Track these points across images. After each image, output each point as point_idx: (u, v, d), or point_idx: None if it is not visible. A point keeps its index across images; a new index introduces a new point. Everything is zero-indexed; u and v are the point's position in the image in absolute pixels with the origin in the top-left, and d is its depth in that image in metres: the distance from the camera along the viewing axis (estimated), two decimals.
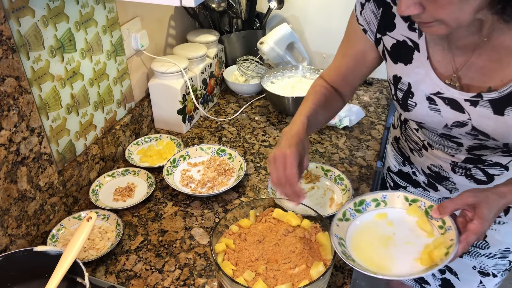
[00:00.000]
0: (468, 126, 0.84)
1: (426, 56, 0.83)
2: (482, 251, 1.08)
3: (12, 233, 0.93)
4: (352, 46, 0.96)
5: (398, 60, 0.88)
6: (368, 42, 0.92)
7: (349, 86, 1.03)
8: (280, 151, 0.83)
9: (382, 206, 0.89)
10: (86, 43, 1.09)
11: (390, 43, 0.88)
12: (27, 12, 0.90)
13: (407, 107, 0.90)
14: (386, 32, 0.87)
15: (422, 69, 0.84)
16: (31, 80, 0.94)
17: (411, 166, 1.12)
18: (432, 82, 0.84)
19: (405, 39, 0.85)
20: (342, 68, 0.99)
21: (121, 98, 1.28)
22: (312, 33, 1.73)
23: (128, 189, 1.16)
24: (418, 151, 1.06)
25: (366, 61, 0.96)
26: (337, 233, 0.84)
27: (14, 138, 0.89)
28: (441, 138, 0.93)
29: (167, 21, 1.49)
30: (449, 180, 1.02)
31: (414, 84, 0.86)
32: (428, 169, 1.05)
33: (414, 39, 0.84)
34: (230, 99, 1.59)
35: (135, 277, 0.94)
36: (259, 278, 0.83)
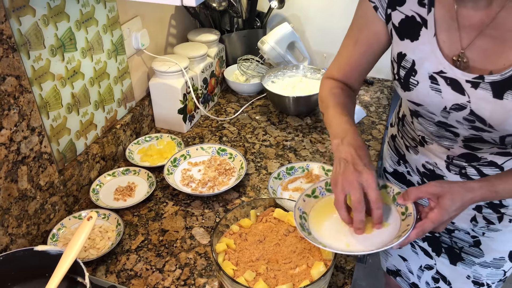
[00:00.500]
0: (466, 110, 0.83)
1: (433, 32, 0.82)
2: (477, 260, 1.06)
3: (12, 233, 0.93)
4: (364, 30, 0.93)
5: (404, 36, 0.86)
6: (379, 22, 0.90)
7: (360, 76, 1.00)
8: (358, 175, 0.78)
9: None
10: (87, 42, 1.09)
11: (399, 18, 0.86)
12: (28, 11, 0.90)
13: (408, 86, 0.88)
14: (396, 6, 0.86)
15: (427, 46, 0.83)
16: (31, 79, 0.94)
17: (405, 165, 1.11)
18: (436, 60, 0.83)
19: (413, 14, 0.84)
20: (354, 57, 0.96)
21: (121, 97, 1.27)
22: (313, 33, 1.72)
23: (129, 188, 1.16)
24: (413, 148, 1.05)
25: (379, 43, 0.93)
26: (301, 206, 0.87)
27: (14, 138, 0.89)
28: (438, 127, 0.92)
29: (168, 20, 1.49)
30: (443, 179, 1.00)
31: (419, 61, 0.85)
32: (423, 167, 1.04)
33: (422, 14, 0.83)
34: (231, 99, 1.59)
35: (135, 276, 0.94)
36: (259, 278, 0.83)
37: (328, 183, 0.89)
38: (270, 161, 1.27)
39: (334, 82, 0.99)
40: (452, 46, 0.82)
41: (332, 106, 0.93)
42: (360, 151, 0.82)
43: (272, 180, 1.15)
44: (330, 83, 0.99)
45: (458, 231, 1.04)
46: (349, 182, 0.79)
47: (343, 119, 0.89)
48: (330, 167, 1.19)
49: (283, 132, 1.40)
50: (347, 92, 0.98)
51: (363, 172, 0.78)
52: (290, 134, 1.39)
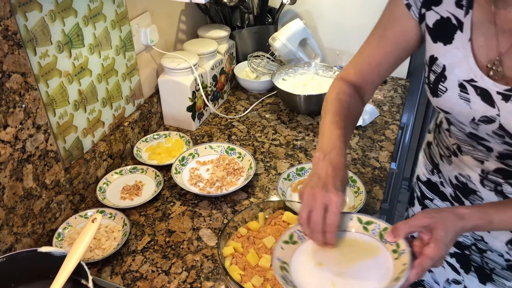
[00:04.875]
0: (495, 124, 0.77)
1: (468, 37, 0.76)
2: (508, 283, 0.98)
3: (17, 232, 0.92)
4: (392, 27, 0.87)
5: (437, 38, 0.81)
6: (411, 20, 0.83)
7: (378, 79, 0.93)
8: (325, 194, 0.72)
9: None
10: (95, 38, 1.07)
11: (434, 19, 0.80)
12: (34, 7, 0.88)
13: (436, 92, 0.83)
14: (431, 6, 0.79)
15: (461, 51, 0.78)
16: (38, 76, 0.92)
17: (439, 175, 1.03)
18: (468, 67, 0.77)
19: (449, 15, 0.78)
20: (376, 55, 0.89)
21: (130, 94, 1.25)
22: (326, 29, 1.69)
23: (136, 187, 1.14)
24: (447, 158, 0.98)
25: (406, 43, 0.86)
26: (280, 256, 0.75)
27: (20, 136, 0.88)
28: (470, 138, 0.86)
29: (178, 16, 1.46)
30: (477, 194, 0.93)
31: (449, 66, 0.79)
32: (456, 179, 0.97)
33: (459, 17, 0.77)
34: (241, 96, 1.56)
35: (141, 278, 0.92)
36: (267, 284, 0.81)
37: None
38: (279, 161, 1.24)
39: (345, 85, 0.92)
40: (488, 52, 0.76)
41: (331, 114, 0.87)
42: (337, 171, 0.76)
43: (282, 181, 1.12)
44: (340, 86, 0.92)
45: (491, 252, 0.96)
46: (314, 200, 0.73)
47: (335, 133, 0.82)
48: None
49: (294, 131, 1.37)
50: (355, 101, 0.91)
51: (330, 193, 0.72)
52: (301, 133, 1.36)
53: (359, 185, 1.10)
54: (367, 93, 0.94)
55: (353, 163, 1.23)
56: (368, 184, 1.16)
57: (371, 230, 0.78)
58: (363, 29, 1.61)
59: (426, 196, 1.09)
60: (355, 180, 1.12)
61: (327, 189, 0.73)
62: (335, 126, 0.84)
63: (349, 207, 1.07)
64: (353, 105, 0.90)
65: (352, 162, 1.23)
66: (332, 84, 0.96)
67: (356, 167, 1.21)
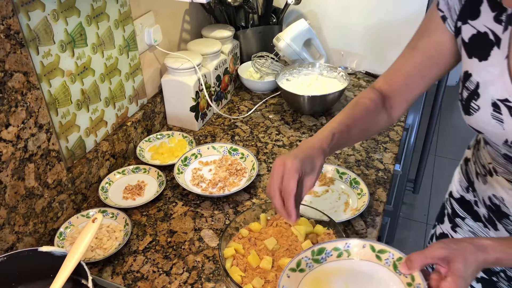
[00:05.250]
0: None
1: (505, 54, 0.72)
2: None
3: (19, 231, 0.92)
4: (426, 36, 0.83)
5: (472, 54, 0.76)
6: (445, 33, 0.80)
7: (408, 92, 0.89)
8: (281, 160, 0.76)
9: (344, 256, 0.75)
10: (98, 37, 1.07)
11: (470, 33, 0.76)
12: (37, 6, 0.88)
13: (468, 110, 0.78)
14: (467, 19, 0.75)
15: (496, 69, 0.73)
16: (40, 75, 0.92)
17: (474, 194, 0.98)
18: (503, 86, 0.73)
19: (487, 30, 0.73)
20: (407, 66, 0.87)
21: (133, 94, 1.25)
22: (331, 30, 1.68)
23: (138, 187, 1.14)
24: (483, 177, 0.92)
25: (439, 57, 0.82)
26: (286, 285, 0.71)
27: (21, 135, 0.88)
28: (505, 160, 0.81)
29: (182, 16, 1.46)
30: (509, 218, 0.88)
31: (483, 84, 0.75)
32: (489, 200, 0.91)
33: (497, 32, 0.72)
34: (244, 96, 1.56)
35: (142, 279, 0.92)
36: (268, 286, 0.80)
37: (315, 252, 0.75)
38: None
39: (370, 91, 0.90)
40: None
41: (340, 112, 0.87)
42: (303, 147, 0.79)
43: None
44: (366, 91, 0.91)
45: None
46: (274, 172, 0.76)
47: (329, 125, 0.83)
48: (344, 170, 1.15)
49: (297, 132, 1.36)
50: (375, 106, 0.88)
51: (286, 161, 0.75)
52: (304, 134, 1.35)
53: (362, 187, 1.09)
54: (396, 105, 0.91)
55: (356, 165, 1.22)
56: (372, 186, 1.15)
57: (384, 259, 0.73)
58: (368, 30, 1.61)
59: (457, 214, 1.04)
60: (358, 181, 1.11)
61: (286, 155, 0.76)
62: (334, 120, 0.85)
63: (352, 209, 1.06)
64: (370, 109, 0.88)
65: (356, 163, 1.22)
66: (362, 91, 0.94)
67: (359, 169, 1.20)
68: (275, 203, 0.77)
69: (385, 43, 1.61)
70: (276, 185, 0.76)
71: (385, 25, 1.57)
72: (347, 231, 1.02)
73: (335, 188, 1.13)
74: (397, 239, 2.26)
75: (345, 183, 1.13)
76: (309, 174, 0.78)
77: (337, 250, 0.75)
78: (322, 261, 0.75)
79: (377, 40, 1.61)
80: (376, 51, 1.64)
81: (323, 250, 0.75)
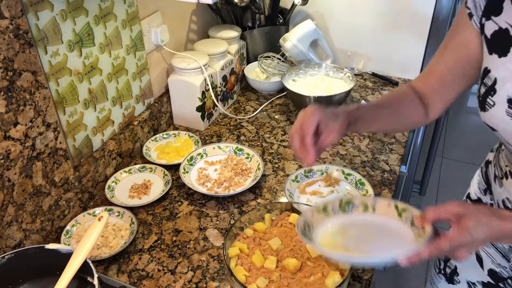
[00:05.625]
0: None
1: None
2: None
3: (26, 228, 0.93)
4: (455, 36, 0.85)
5: (493, 50, 0.77)
6: (473, 31, 0.80)
7: (443, 92, 0.89)
8: (304, 108, 0.83)
9: (370, 211, 0.81)
10: (105, 37, 1.07)
11: (492, 29, 0.77)
12: (46, 6, 0.89)
13: (484, 106, 0.79)
14: (491, 16, 0.76)
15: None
16: (48, 74, 0.93)
17: (491, 196, 0.98)
18: None
19: (508, 27, 0.74)
20: (439, 65, 0.88)
21: (140, 93, 1.26)
22: (337, 30, 1.68)
23: (144, 186, 1.15)
24: (499, 179, 0.91)
25: (469, 55, 0.83)
26: (308, 218, 0.80)
27: (29, 133, 0.89)
28: None
29: (189, 16, 1.47)
30: None
31: (501, 80, 0.75)
32: (503, 203, 0.90)
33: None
34: (251, 97, 1.56)
35: (147, 277, 0.93)
36: (272, 286, 0.80)
37: (343, 202, 0.82)
38: (288, 162, 1.24)
39: (406, 87, 0.93)
40: None
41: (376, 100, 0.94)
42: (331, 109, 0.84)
43: (289, 182, 1.12)
44: (404, 86, 0.94)
45: None
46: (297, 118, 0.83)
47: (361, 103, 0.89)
48: (350, 171, 1.15)
49: None
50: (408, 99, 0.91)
51: (308, 108, 0.82)
52: None
53: (367, 188, 1.09)
54: (432, 104, 0.92)
55: (362, 166, 1.22)
56: (377, 187, 1.14)
57: (405, 216, 0.77)
58: (375, 31, 1.61)
59: None
60: (363, 182, 1.11)
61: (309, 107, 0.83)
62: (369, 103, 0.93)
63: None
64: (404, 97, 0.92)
65: (361, 164, 1.22)
66: None
67: (365, 170, 1.20)
68: (294, 143, 0.82)
69: (391, 44, 1.60)
70: (296, 127, 0.82)
71: (392, 26, 1.57)
72: None
73: (341, 189, 1.13)
74: None
75: (351, 184, 1.13)
76: (331, 124, 0.81)
77: (364, 205, 0.82)
78: (348, 211, 0.82)
79: (384, 41, 1.61)
80: (382, 52, 1.63)
81: (350, 202, 0.83)
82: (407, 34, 1.56)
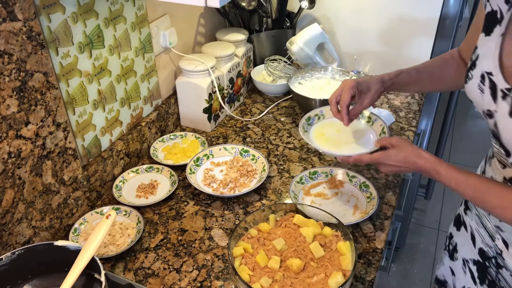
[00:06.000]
0: (492, 120, 0.81)
1: (502, 31, 0.80)
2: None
3: (36, 225, 0.95)
4: (477, 16, 0.96)
5: (483, 29, 0.85)
6: (483, 11, 0.89)
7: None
8: (345, 80, 1.04)
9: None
10: (115, 39, 1.10)
11: (487, 10, 0.85)
12: (58, 9, 0.91)
13: (466, 78, 0.88)
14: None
15: (493, 44, 0.81)
16: (59, 75, 0.95)
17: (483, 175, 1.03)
18: (492, 60, 0.80)
19: (497, 9, 0.82)
20: (469, 36, 1.01)
21: (148, 95, 1.28)
22: (343, 34, 1.69)
23: (151, 186, 1.16)
24: (489, 159, 0.99)
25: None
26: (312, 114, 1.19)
27: (40, 133, 0.91)
28: (492, 137, 0.88)
29: (197, 19, 1.49)
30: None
31: (481, 57, 0.84)
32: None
33: (503, 11, 0.81)
34: (257, 99, 1.58)
35: (152, 275, 0.94)
36: (275, 285, 0.82)
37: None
38: (293, 164, 1.25)
39: (454, 50, 1.07)
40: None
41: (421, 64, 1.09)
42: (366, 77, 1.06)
43: (294, 184, 1.13)
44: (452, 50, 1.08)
45: (506, 270, 0.96)
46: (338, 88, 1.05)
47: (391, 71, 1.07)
48: (354, 173, 1.16)
49: None
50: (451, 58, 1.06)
51: (347, 81, 1.03)
52: None
53: (371, 191, 1.10)
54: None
55: (366, 168, 1.23)
56: (382, 190, 1.15)
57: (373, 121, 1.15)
58: (381, 34, 1.62)
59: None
60: (367, 185, 1.12)
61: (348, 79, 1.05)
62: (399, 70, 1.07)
63: (361, 212, 1.07)
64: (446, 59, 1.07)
65: (366, 167, 1.23)
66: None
67: (369, 172, 1.21)
68: (332, 109, 1.05)
69: (398, 47, 1.61)
70: (335, 95, 1.03)
71: (398, 29, 1.57)
72: (355, 234, 1.02)
73: (345, 191, 1.14)
74: (408, 244, 2.25)
75: (355, 186, 1.14)
76: (365, 93, 1.04)
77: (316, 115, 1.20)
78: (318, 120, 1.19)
79: (390, 45, 1.62)
80: (389, 56, 1.64)
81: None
82: (414, 37, 1.57)
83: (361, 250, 0.99)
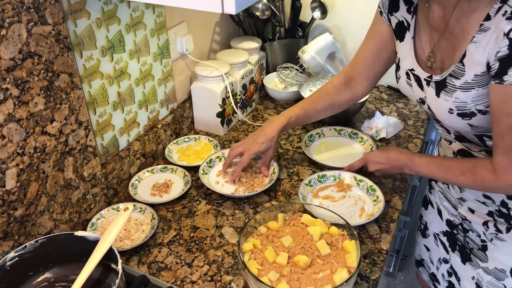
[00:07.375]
0: (426, 105, 0.99)
1: (412, 35, 0.99)
2: (481, 263, 1.09)
3: (56, 218, 1.00)
4: (373, 27, 1.10)
5: (397, 37, 1.04)
6: (384, 23, 1.06)
7: (366, 70, 1.14)
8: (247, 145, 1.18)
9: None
10: (135, 44, 1.15)
11: (395, 22, 1.03)
12: (83, 14, 0.97)
13: (396, 78, 1.08)
14: (393, 12, 1.02)
15: (407, 46, 1.00)
16: (82, 77, 1.01)
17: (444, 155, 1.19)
18: (411, 59, 0.99)
19: (403, 19, 1.01)
20: (362, 50, 1.14)
21: (164, 98, 1.34)
22: (354, 44, 1.73)
23: (165, 185, 1.21)
24: (439, 142, 1.18)
25: (383, 42, 1.08)
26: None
27: (63, 130, 0.96)
28: (433, 120, 1.04)
29: (212, 27, 1.54)
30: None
31: (402, 59, 1.03)
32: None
33: (408, 20, 1.00)
34: (269, 105, 1.62)
35: (165, 269, 0.98)
36: (283, 279, 0.85)
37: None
38: (302, 168, 1.29)
39: (337, 77, 1.20)
40: (426, 46, 0.96)
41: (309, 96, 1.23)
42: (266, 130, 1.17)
43: (303, 186, 1.16)
44: (333, 78, 1.21)
45: (472, 232, 1.10)
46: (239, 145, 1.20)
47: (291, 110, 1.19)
48: (362, 177, 1.19)
49: None
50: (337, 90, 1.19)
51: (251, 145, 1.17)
52: None
53: (378, 194, 1.13)
54: (358, 84, 1.18)
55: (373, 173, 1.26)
56: (388, 194, 1.18)
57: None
58: None
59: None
60: (374, 189, 1.15)
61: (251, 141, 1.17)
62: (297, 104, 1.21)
63: (367, 214, 1.10)
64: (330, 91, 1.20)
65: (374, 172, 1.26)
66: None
67: (377, 177, 1.24)
68: (227, 160, 1.21)
69: None
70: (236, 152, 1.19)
71: None
72: (361, 235, 1.06)
73: (352, 194, 1.17)
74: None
75: (362, 190, 1.17)
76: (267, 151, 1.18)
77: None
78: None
79: None
80: None
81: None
82: None
83: (367, 251, 1.02)
